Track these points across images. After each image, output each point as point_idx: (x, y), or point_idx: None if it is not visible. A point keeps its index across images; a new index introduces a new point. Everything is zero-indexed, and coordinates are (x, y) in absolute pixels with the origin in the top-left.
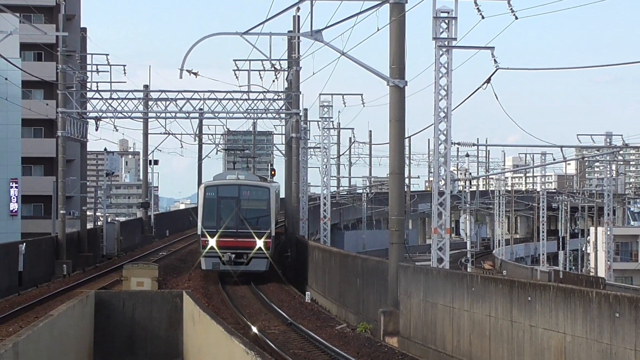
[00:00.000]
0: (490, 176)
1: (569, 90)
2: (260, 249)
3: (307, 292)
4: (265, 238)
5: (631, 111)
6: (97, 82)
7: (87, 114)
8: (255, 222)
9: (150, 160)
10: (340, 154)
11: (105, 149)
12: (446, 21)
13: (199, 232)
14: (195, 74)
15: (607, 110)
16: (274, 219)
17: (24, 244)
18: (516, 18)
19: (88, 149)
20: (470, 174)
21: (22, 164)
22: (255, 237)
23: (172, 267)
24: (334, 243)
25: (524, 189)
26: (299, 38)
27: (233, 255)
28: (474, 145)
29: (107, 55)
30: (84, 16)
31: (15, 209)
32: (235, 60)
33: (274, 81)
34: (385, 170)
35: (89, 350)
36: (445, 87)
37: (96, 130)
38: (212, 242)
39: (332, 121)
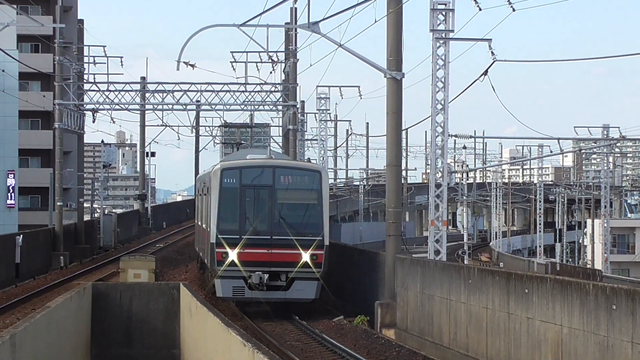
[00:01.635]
0: (487, 168)
1: (566, 83)
2: (307, 264)
3: None
4: (315, 248)
5: (628, 103)
6: (94, 74)
7: (84, 105)
8: (299, 225)
9: (147, 152)
10: (337, 146)
11: (102, 141)
12: (443, 13)
13: (212, 240)
14: (193, 65)
15: (604, 102)
16: (327, 219)
17: (21, 235)
18: (513, 10)
19: (85, 141)
20: (467, 166)
21: (19, 156)
22: (300, 248)
23: (169, 259)
24: (331, 235)
25: (521, 181)
26: (296, 30)
27: (266, 276)
28: (471, 137)
29: (104, 47)
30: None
31: (13, 201)
32: (232, 52)
33: (271, 73)
34: (383, 163)
35: (86, 342)
36: (443, 79)
37: (93, 122)
38: (232, 254)
39: (329, 113)
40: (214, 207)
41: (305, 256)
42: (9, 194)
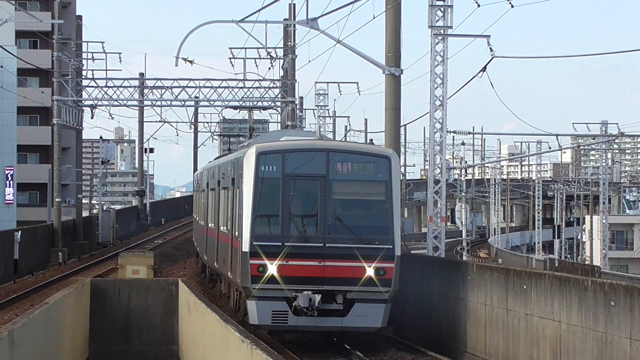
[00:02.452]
0: (486, 164)
1: (565, 79)
2: (372, 281)
3: None
4: (383, 260)
5: (627, 99)
6: (92, 70)
7: (83, 101)
8: (362, 228)
9: (145, 148)
10: None
11: (100, 137)
12: (442, 9)
13: (245, 248)
14: (191, 62)
15: (603, 99)
16: (399, 220)
17: (20, 231)
18: (512, 6)
19: (83, 137)
20: (465, 162)
21: (17, 152)
22: (362, 259)
23: (168, 255)
24: None
25: (519, 177)
26: (294, 26)
27: (317, 297)
28: (469, 133)
29: (102, 43)
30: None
31: (11, 197)
32: (231, 48)
33: (269, 69)
34: None
35: (85, 338)
36: (441, 76)
37: (92, 118)
38: (272, 268)
39: (328, 109)
40: (247, 204)
41: (370, 270)
42: (8, 190)
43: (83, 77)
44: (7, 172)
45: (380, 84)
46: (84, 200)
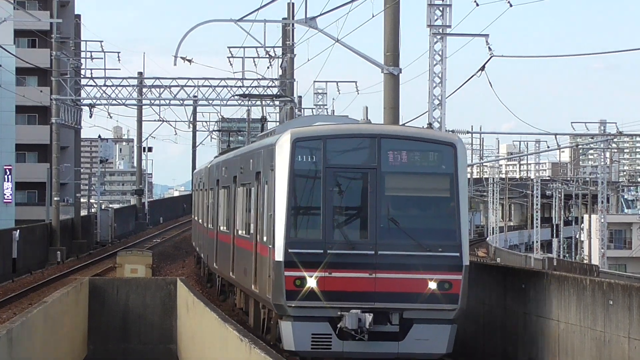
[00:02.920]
0: (484, 163)
1: (564, 78)
2: (434, 297)
3: None
4: (448, 270)
5: (626, 99)
6: (91, 69)
7: (81, 100)
8: (422, 232)
9: (144, 147)
10: None
11: (99, 136)
12: (440, 8)
13: (278, 257)
14: (190, 60)
15: (601, 98)
16: (467, 222)
17: (18, 230)
18: (510, 5)
19: (82, 136)
20: None
21: (16, 151)
22: (423, 270)
23: (166, 254)
24: None
25: (518, 176)
26: (293, 25)
27: (368, 316)
28: (468, 132)
29: (101, 42)
30: (78, 3)
31: (10, 196)
32: (229, 47)
33: (268, 68)
34: None
35: (83, 337)
36: (440, 75)
37: (90, 117)
38: (311, 281)
39: (327, 108)
40: (281, 203)
41: (432, 283)
42: (6, 189)
43: (82, 76)
44: (5, 170)
45: (379, 83)
46: (82, 199)
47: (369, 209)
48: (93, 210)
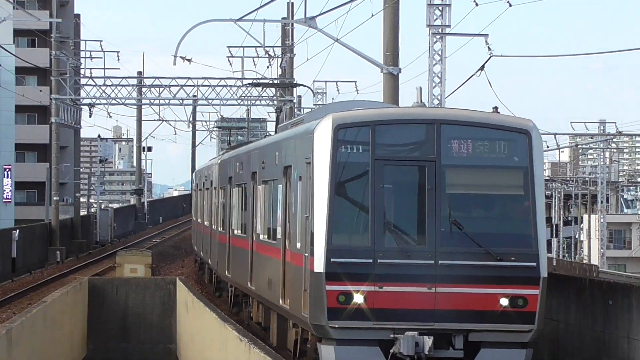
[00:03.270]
0: None
1: (563, 78)
2: (506, 316)
3: None
4: (522, 284)
5: (625, 98)
6: (90, 69)
7: (81, 100)
8: (491, 237)
9: (143, 147)
10: None
11: (98, 136)
12: (440, 8)
13: (318, 268)
14: (189, 60)
15: (601, 98)
16: (543, 225)
17: (18, 230)
18: (510, 5)
19: (81, 136)
20: None
21: (15, 151)
22: (492, 284)
23: (166, 254)
24: None
25: None
26: (292, 25)
27: (428, 340)
28: None
29: (100, 41)
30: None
31: (9, 196)
32: (229, 47)
33: (267, 68)
34: None
35: (83, 336)
36: (439, 75)
37: (90, 116)
38: (358, 297)
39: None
40: (320, 202)
41: (503, 300)
42: (6, 189)
43: (81, 75)
44: (5, 170)
45: (378, 83)
46: (82, 199)
47: (427, 210)
48: (92, 210)
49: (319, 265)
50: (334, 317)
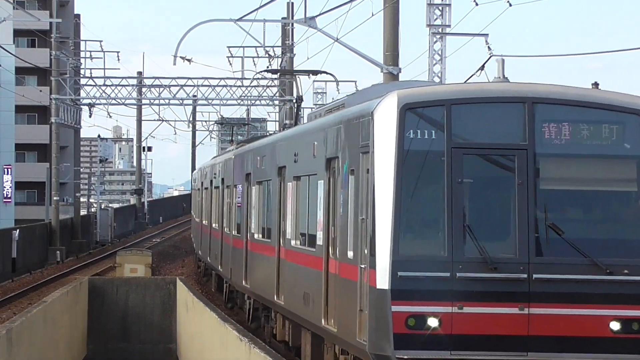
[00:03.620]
0: None
1: (562, 77)
2: (619, 343)
3: None
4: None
5: None
6: (90, 69)
7: (81, 100)
8: (598, 244)
9: (143, 147)
10: None
11: (98, 136)
12: (440, 8)
13: (382, 284)
14: (189, 60)
15: None
16: None
17: (18, 230)
18: (510, 5)
19: (82, 136)
20: None
21: (15, 151)
22: (601, 303)
23: (166, 254)
24: None
25: None
26: (292, 24)
27: None
28: None
29: (100, 41)
30: (78, 2)
31: (9, 196)
32: (229, 46)
33: (268, 67)
34: None
35: (83, 336)
36: (439, 74)
37: (90, 116)
38: (432, 320)
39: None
40: (384, 200)
41: (614, 324)
42: (6, 189)
43: (81, 75)
44: (5, 170)
45: None
46: (82, 199)
47: (518, 211)
48: (93, 209)
49: (383, 281)
50: (402, 346)
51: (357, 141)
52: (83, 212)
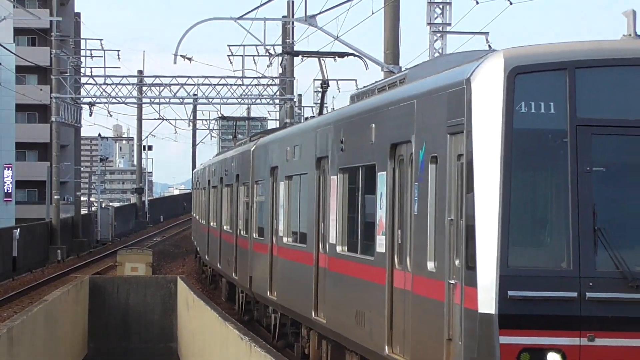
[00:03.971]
0: None
1: None
2: None
3: None
4: None
5: None
6: (91, 68)
7: (81, 99)
8: None
9: (144, 146)
10: None
11: (99, 135)
12: (440, 6)
13: (486, 307)
14: (190, 59)
15: None
16: None
17: (18, 229)
18: (510, 3)
19: (82, 135)
20: None
21: (16, 150)
22: None
23: (167, 253)
24: None
25: None
26: (293, 23)
27: None
28: None
29: (101, 40)
30: (78, 1)
31: (10, 189)
32: (229, 45)
33: (268, 66)
34: None
35: (84, 335)
36: None
37: (90, 115)
38: (553, 355)
39: (327, 107)
40: (487, 197)
41: None
42: (6, 188)
43: (81, 74)
44: (5, 169)
45: None
46: (82, 198)
47: None
48: (93, 208)
49: (487, 303)
50: None
51: (441, 119)
52: (83, 211)
